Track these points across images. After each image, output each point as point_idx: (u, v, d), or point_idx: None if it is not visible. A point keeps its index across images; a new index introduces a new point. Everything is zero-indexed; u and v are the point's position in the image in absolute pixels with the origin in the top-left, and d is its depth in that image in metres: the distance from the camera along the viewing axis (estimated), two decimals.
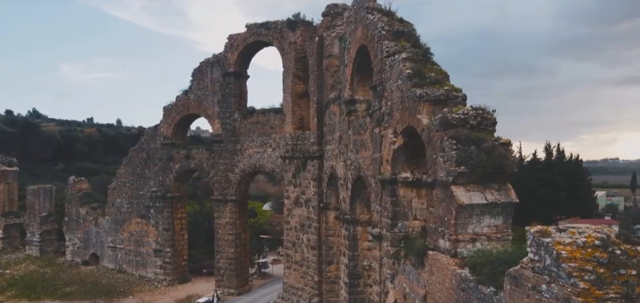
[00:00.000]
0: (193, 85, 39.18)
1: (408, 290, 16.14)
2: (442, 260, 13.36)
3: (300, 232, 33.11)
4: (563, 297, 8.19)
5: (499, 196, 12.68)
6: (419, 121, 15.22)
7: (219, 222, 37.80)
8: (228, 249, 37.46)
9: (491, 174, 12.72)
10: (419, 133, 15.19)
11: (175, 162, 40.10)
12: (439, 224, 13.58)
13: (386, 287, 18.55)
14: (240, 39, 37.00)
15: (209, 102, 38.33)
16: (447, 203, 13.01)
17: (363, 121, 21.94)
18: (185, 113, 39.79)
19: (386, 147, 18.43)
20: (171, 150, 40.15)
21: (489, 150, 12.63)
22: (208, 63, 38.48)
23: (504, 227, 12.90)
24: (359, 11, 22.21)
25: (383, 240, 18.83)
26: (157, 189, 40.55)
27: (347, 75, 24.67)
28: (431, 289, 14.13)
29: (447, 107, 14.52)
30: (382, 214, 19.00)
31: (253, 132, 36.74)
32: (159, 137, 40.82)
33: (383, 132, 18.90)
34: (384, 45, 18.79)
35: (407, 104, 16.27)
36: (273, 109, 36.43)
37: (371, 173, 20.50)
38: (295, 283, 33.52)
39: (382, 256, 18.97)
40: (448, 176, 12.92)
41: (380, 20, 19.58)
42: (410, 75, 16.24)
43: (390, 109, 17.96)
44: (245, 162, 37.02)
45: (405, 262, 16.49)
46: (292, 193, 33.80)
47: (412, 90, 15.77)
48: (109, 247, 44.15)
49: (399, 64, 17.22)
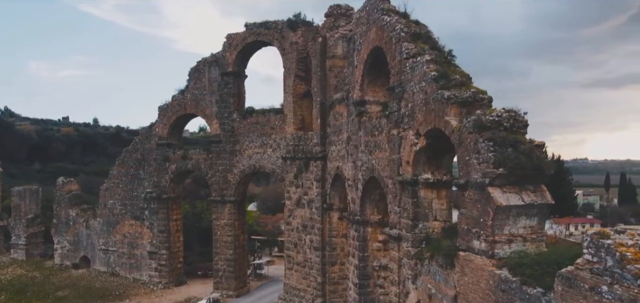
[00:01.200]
0: (190, 84, 38.61)
1: (434, 290, 16.24)
2: (476, 261, 13.47)
3: (302, 232, 32.98)
4: (629, 298, 8.34)
5: (535, 197, 12.86)
6: (447, 123, 15.31)
7: (218, 223, 37.34)
8: (227, 251, 37.05)
9: (528, 176, 12.89)
10: (448, 135, 15.27)
11: (171, 163, 39.46)
12: (473, 225, 13.69)
13: (406, 288, 18.63)
14: (239, 39, 36.65)
15: (206, 102, 37.83)
16: (483, 204, 13.13)
17: (377, 122, 21.97)
18: (182, 113, 39.19)
19: (406, 149, 18.50)
20: (167, 151, 39.48)
21: (527, 152, 12.81)
22: (206, 62, 37.99)
23: (538, 228, 13.10)
24: (373, 12, 22.24)
25: (402, 241, 18.91)
26: (152, 190, 39.82)
27: (356, 76, 24.67)
28: (463, 290, 14.24)
29: (480, 110, 14.67)
30: (401, 215, 19.07)
31: (253, 133, 36.42)
32: (153, 137, 40.08)
33: (402, 134, 18.97)
34: (403, 47, 18.86)
35: (432, 105, 16.36)
36: (273, 109, 36.20)
37: (387, 174, 20.55)
38: (297, 284, 33.38)
39: (402, 257, 19.05)
40: (484, 177, 13.04)
41: (398, 22, 19.64)
42: (435, 78, 16.35)
43: (412, 111, 18.03)
44: (245, 162, 36.68)
45: (430, 262, 16.58)
46: (293, 194, 33.64)
47: (438, 92, 15.87)
48: (101, 249, 43.13)
49: (422, 66, 17.31)
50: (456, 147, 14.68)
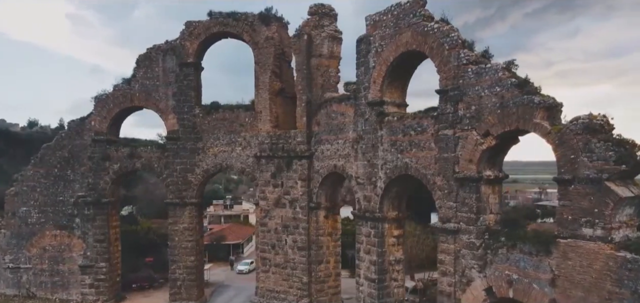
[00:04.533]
0: (138, 74, 34.20)
1: (517, 276, 17.93)
2: (587, 246, 15.49)
3: (282, 233, 32.11)
4: None
5: (637, 190, 15.37)
6: (537, 125, 17.10)
7: (176, 228, 33.90)
8: (187, 258, 33.89)
9: (632, 172, 15.33)
10: (541, 136, 17.05)
11: (113, 162, 34.46)
12: (582, 215, 15.66)
13: (468, 277, 19.99)
14: (201, 28, 33.81)
15: (160, 94, 33.99)
16: (598, 197, 15.18)
17: (414, 123, 22.86)
18: (128, 105, 34.46)
19: (468, 148, 19.88)
20: (107, 148, 34.39)
21: (631, 151, 15.21)
22: (159, 50, 34.11)
23: (636, 216, 15.63)
24: (405, 17, 23.10)
25: (461, 234, 20.24)
26: (86, 194, 34.25)
27: (374, 76, 25.23)
28: (566, 273, 16.15)
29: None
30: (458, 209, 20.39)
31: (219, 130, 33.97)
32: (88, 133, 34.51)
33: (460, 134, 20.29)
34: (461, 53, 20.22)
35: (512, 109, 18.00)
36: (242, 105, 34.29)
37: (434, 171, 21.66)
38: (276, 286, 32.36)
39: (459, 249, 20.36)
40: (599, 173, 15.11)
41: (452, 30, 20.90)
42: (517, 84, 18.05)
43: (477, 113, 19.46)
44: (209, 161, 34.03)
45: (510, 251, 18.24)
46: (270, 194, 32.53)
47: (524, 97, 17.56)
48: (8, 267, 35.44)
49: (494, 72, 18.87)
50: (556, 145, 16.49)
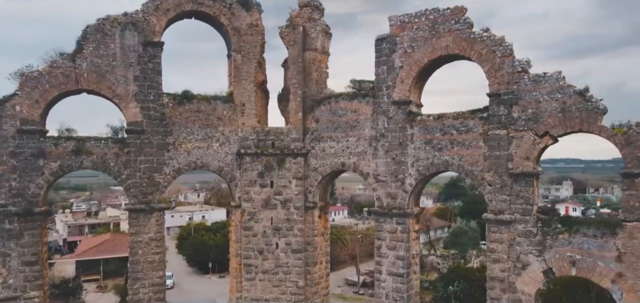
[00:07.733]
0: (86, 49, 27.50)
1: (580, 256, 20.98)
2: None
3: (272, 236, 30.01)
4: None
5: None
6: (602, 128, 20.46)
7: (139, 239, 28.30)
8: (154, 273, 28.66)
9: None
10: (604, 137, 20.40)
11: (50, 160, 26.98)
12: None
13: (523, 261, 22.39)
14: (171, 2, 29.08)
15: (118, 77, 27.94)
16: None
17: (457, 123, 24.38)
18: (70, 88, 27.19)
19: (524, 147, 22.34)
20: (42, 142, 26.81)
21: None
22: (115, 22, 28.05)
23: None
24: (444, 23, 24.56)
25: (516, 224, 22.56)
26: (7, 202, 26.07)
27: (402, 76, 26.01)
28: (632, 249, 19.74)
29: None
30: (512, 202, 22.69)
31: (193, 123, 29.69)
32: (9, 120, 26.34)
33: (514, 134, 22.62)
34: (515, 60, 22.63)
35: (575, 113, 21.05)
36: (220, 96, 30.62)
37: (483, 168, 23.54)
38: (264, 294, 30.04)
39: (514, 237, 22.63)
40: None
41: (503, 40, 23.09)
42: (579, 92, 21.15)
43: (534, 116, 22.05)
44: (181, 159, 29.43)
45: (572, 235, 21.21)
46: (257, 194, 30.07)
47: (591, 102, 20.73)
48: None
49: (555, 81, 21.70)
50: (622, 145, 19.98)
